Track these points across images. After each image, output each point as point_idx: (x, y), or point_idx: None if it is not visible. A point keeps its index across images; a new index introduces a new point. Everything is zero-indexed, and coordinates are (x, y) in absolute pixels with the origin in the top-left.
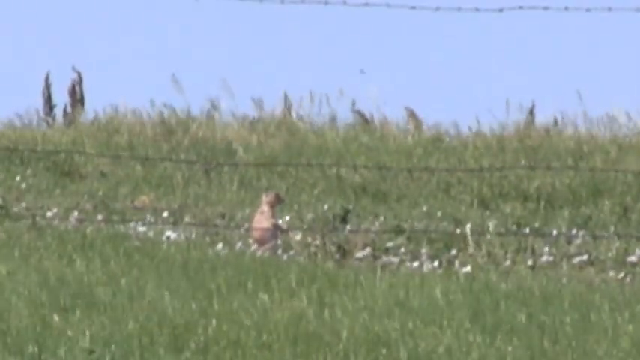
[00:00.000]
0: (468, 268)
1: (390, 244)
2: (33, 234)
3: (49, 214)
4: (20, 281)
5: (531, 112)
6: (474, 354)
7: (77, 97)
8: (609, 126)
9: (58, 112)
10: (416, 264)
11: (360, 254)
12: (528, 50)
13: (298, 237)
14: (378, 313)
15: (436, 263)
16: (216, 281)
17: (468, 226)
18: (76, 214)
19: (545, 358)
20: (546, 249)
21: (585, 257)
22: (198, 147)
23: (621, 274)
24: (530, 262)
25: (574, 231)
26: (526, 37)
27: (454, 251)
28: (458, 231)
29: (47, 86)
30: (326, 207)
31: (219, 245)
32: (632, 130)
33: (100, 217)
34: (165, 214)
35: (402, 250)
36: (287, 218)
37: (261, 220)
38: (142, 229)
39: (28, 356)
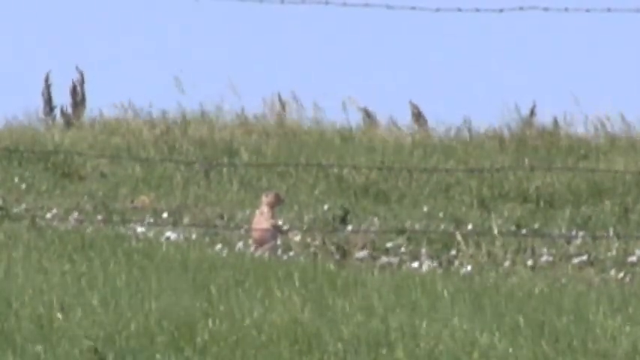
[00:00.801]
0: (467, 268)
1: (389, 244)
2: (33, 234)
3: (48, 214)
4: (20, 282)
5: (532, 113)
6: (474, 354)
7: (78, 98)
8: (609, 126)
9: (58, 112)
10: (416, 264)
11: (360, 254)
12: (528, 50)
13: (298, 237)
14: (378, 313)
15: (436, 263)
16: (216, 281)
17: (467, 227)
18: (75, 214)
19: (545, 358)
20: (546, 249)
21: (585, 257)
22: (198, 147)
23: (621, 275)
24: (530, 263)
25: (574, 231)
26: (526, 38)
27: (454, 251)
28: (464, 231)
29: (47, 87)
30: (326, 207)
31: (219, 246)
32: (632, 131)
33: (99, 217)
34: (164, 215)
35: (402, 250)
36: (281, 222)
37: (261, 220)
38: (141, 229)
39: (29, 356)
